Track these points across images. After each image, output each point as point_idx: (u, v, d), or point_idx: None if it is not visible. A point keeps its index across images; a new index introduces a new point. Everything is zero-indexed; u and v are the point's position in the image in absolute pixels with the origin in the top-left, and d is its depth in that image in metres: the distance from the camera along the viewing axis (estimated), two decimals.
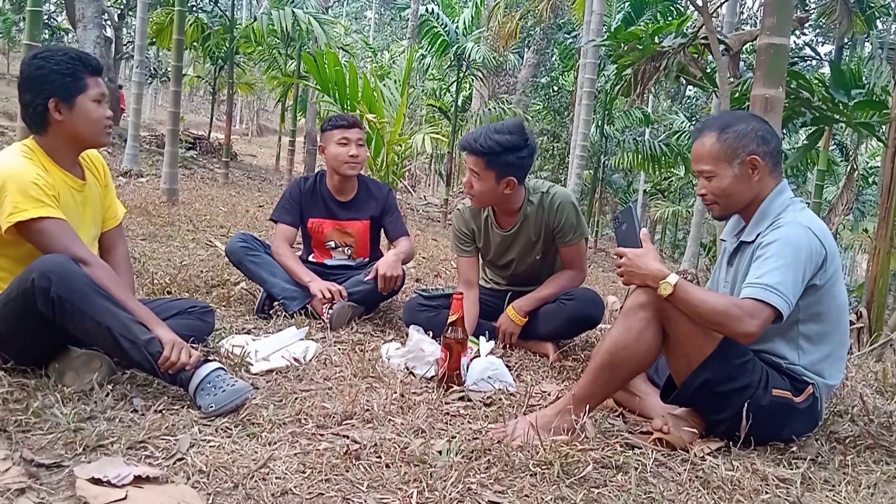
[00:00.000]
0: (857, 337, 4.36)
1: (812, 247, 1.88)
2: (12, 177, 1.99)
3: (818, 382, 1.99)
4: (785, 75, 3.86)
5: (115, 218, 2.42)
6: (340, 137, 3.25)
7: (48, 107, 2.06)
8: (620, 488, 1.68)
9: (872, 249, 4.57)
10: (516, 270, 3.01)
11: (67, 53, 2.09)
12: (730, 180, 2.00)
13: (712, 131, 2.01)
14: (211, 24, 13.72)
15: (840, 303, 1.99)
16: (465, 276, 3.02)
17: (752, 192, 2.01)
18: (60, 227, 2.02)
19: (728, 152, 1.99)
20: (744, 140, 1.98)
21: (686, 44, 5.65)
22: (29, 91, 2.08)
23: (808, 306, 1.95)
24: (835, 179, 14.51)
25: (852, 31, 10.38)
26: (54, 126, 2.09)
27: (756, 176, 1.99)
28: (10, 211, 1.96)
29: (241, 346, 2.45)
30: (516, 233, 2.91)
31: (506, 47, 16.07)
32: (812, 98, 5.51)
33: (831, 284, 1.95)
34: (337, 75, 6.65)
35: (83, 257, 2.02)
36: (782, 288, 1.83)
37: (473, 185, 2.74)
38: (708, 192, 2.05)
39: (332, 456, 1.70)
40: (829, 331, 1.99)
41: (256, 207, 7.98)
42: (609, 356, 1.92)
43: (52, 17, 20.52)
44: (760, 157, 1.98)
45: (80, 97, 2.09)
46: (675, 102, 20.25)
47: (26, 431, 1.70)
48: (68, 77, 2.07)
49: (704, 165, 2.02)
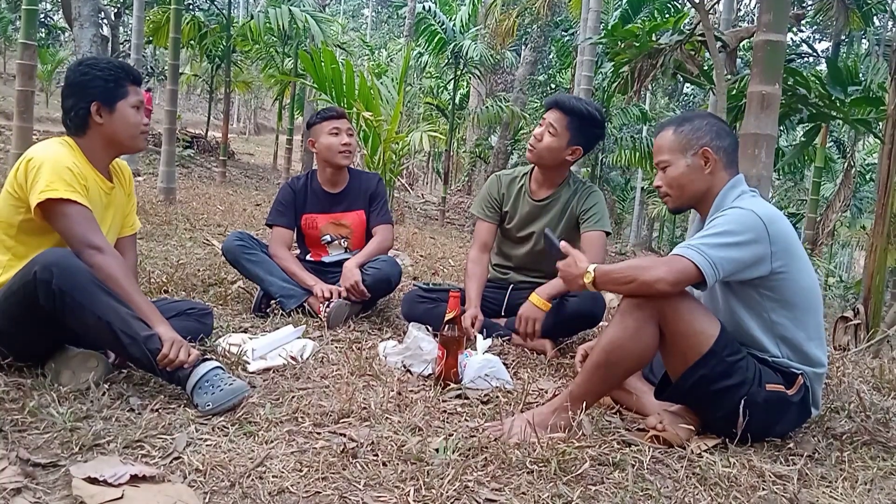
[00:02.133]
0: (854, 333, 4.36)
1: (756, 228, 1.89)
2: (49, 159, 2.06)
3: (806, 371, 2.00)
4: (781, 72, 3.87)
5: (131, 227, 2.48)
6: (331, 128, 3.26)
7: (90, 110, 2.16)
8: (617, 485, 1.68)
9: (869, 246, 4.57)
10: (533, 248, 3.03)
11: (112, 62, 2.23)
12: (682, 170, 2.07)
13: (671, 125, 2.13)
14: (208, 22, 13.71)
15: (806, 285, 1.99)
16: (480, 241, 3.08)
17: (704, 184, 2.07)
18: (84, 213, 2.07)
19: (683, 143, 2.07)
20: (698, 132, 2.06)
21: (683, 41, 5.65)
22: (73, 95, 2.18)
23: (772, 294, 1.96)
24: (832, 176, 14.52)
25: (849, 28, 10.40)
26: (94, 129, 2.18)
27: (708, 168, 2.05)
28: (43, 188, 2.01)
29: (238, 344, 2.45)
30: (546, 206, 2.99)
31: (503, 45, 16.07)
32: (809, 95, 5.52)
33: (792, 269, 1.95)
34: (334, 73, 6.65)
35: (100, 245, 2.05)
36: (708, 251, 1.86)
37: (544, 138, 2.84)
38: (662, 183, 2.13)
39: (328, 454, 1.70)
40: (801, 315, 1.99)
41: (254, 206, 7.97)
42: (605, 354, 1.92)
43: (49, 15, 20.44)
44: (713, 150, 2.05)
45: (120, 103, 2.19)
46: (672, 100, 20.29)
47: (22, 431, 1.70)
48: (111, 83, 2.17)
49: (661, 156, 2.11)
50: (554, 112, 2.84)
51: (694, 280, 1.87)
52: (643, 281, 1.87)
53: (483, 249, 3.05)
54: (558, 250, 2.07)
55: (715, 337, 1.90)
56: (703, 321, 1.92)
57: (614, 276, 1.93)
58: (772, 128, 3.70)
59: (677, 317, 1.89)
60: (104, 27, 13.12)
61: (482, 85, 16.65)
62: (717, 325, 1.92)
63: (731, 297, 2.03)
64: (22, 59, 5.06)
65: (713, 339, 1.90)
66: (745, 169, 3.79)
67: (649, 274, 1.86)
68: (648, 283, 1.86)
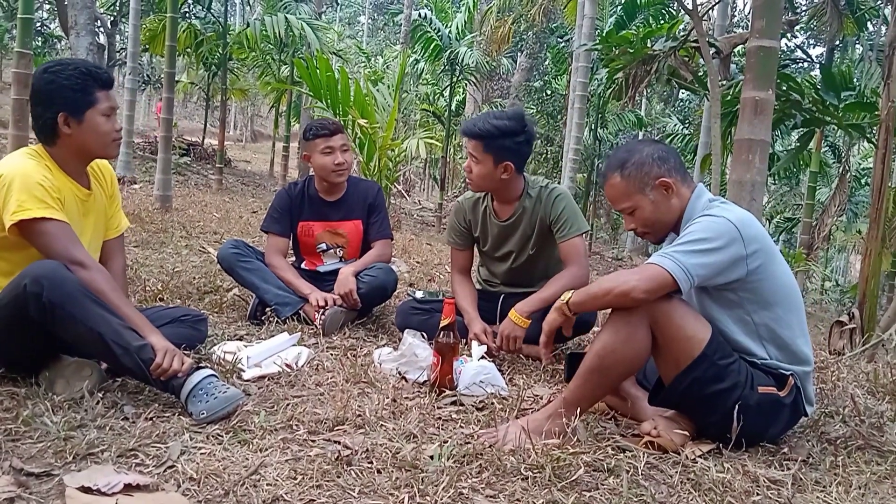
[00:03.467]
0: (849, 338, 4.37)
1: (729, 233, 1.90)
2: (18, 176, 2.00)
3: (796, 371, 2.01)
4: (775, 77, 3.89)
5: (116, 229, 2.43)
6: (324, 147, 3.22)
7: (57, 121, 2.08)
8: (612, 491, 1.68)
9: (864, 250, 4.58)
10: (513, 265, 3.02)
11: (78, 67, 2.10)
12: (651, 208, 2.08)
13: (614, 172, 2.09)
14: (204, 30, 13.72)
15: (783, 283, 2.00)
16: (458, 266, 3.09)
17: (675, 209, 2.08)
18: (62, 229, 2.03)
19: (637, 184, 2.06)
20: (644, 167, 2.05)
21: (677, 47, 5.68)
22: (39, 105, 2.10)
23: (752, 297, 1.97)
24: (827, 181, 14.58)
25: (843, 34, 10.45)
26: (63, 139, 2.11)
27: (672, 195, 2.06)
28: (14, 209, 1.97)
29: (233, 352, 2.45)
30: (513, 224, 2.94)
31: (499, 51, 16.14)
32: (802, 100, 5.54)
33: (768, 269, 1.96)
34: (328, 80, 6.67)
35: (82, 260, 2.02)
36: (681, 258, 1.88)
37: (472, 168, 2.81)
38: (637, 225, 2.13)
39: (323, 462, 1.70)
40: (784, 314, 2.00)
41: (250, 213, 7.96)
42: (598, 360, 1.93)
43: (45, 24, 20.47)
44: (667, 175, 2.05)
45: (89, 112, 2.10)
46: (667, 106, 20.33)
47: (16, 440, 1.70)
48: (78, 92, 2.08)
49: (623, 204, 2.10)
50: (468, 141, 2.80)
51: (668, 287, 1.88)
52: (619, 292, 1.89)
53: (463, 273, 3.08)
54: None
55: (706, 341, 1.90)
56: (695, 325, 1.92)
57: (590, 293, 1.99)
58: (765, 133, 3.72)
59: (668, 321, 1.90)
60: (100, 35, 13.13)
61: (478, 91, 16.68)
62: (708, 330, 1.93)
63: (712, 304, 2.04)
64: (17, 67, 5.05)
65: (704, 342, 1.90)
66: (740, 174, 3.81)
67: (623, 284, 1.89)
68: (624, 292, 1.88)
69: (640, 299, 1.87)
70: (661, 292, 1.89)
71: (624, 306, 1.91)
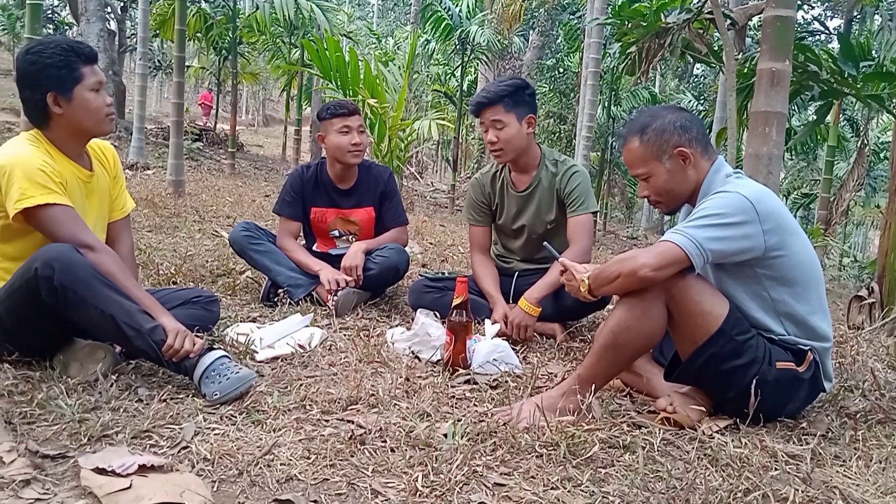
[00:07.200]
0: (868, 312, 4.31)
1: (743, 209, 1.86)
2: (19, 164, 1.99)
3: (815, 346, 1.97)
4: (791, 48, 3.80)
5: (122, 210, 2.41)
6: (341, 126, 3.19)
7: (47, 101, 2.06)
8: (628, 468, 1.66)
9: (883, 225, 4.50)
10: (529, 237, 3.01)
11: (59, 45, 2.07)
12: (666, 176, 2.03)
13: (634, 135, 2.05)
14: (213, 14, 13.69)
15: (803, 259, 1.96)
16: (477, 243, 3.10)
17: (690, 181, 2.04)
18: (67, 213, 2.02)
19: (655, 151, 2.02)
20: (664, 135, 2.01)
21: (691, 19, 5.56)
22: (27, 87, 2.07)
23: (771, 273, 1.93)
24: (845, 155, 14.34)
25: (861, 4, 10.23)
26: (55, 119, 2.09)
27: (689, 166, 2.02)
28: (18, 198, 1.96)
29: (245, 333, 2.45)
30: (530, 195, 2.96)
31: (510, 30, 15.94)
32: (820, 71, 5.43)
33: (788, 245, 1.91)
34: (338, 61, 6.63)
35: (90, 243, 2.02)
36: (695, 233, 1.84)
37: (499, 136, 2.81)
38: (650, 192, 2.09)
39: (336, 441, 1.70)
40: (802, 290, 1.96)
41: (263, 197, 7.98)
42: (613, 336, 1.90)
43: (56, 11, 20.50)
44: (686, 146, 2.00)
45: (77, 88, 2.07)
46: (682, 82, 20.09)
47: (31, 423, 1.71)
48: (63, 69, 2.05)
49: (638, 169, 2.07)
50: (486, 111, 2.80)
51: (680, 264, 1.84)
52: (628, 271, 1.86)
53: (482, 252, 3.08)
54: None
55: (724, 316, 1.87)
56: (712, 301, 1.89)
57: (603, 275, 1.94)
58: (782, 105, 3.65)
59: (685, 297, 1.87)
60: (110, 21, 13.16)
61: (490, 71, 16.52)
62: (725, 305, 1.90)
63: (728, 280, 2.00)
64: None
65: (722, 318, 1.87)
66: (756, 147, 3.74)
67: (633, 263, 1.85)
68: (633, 271, 1.84)
69: (648, 277, 1.84)
70: (673, 269, 1.85)
71: (635, 287, 1.87)
